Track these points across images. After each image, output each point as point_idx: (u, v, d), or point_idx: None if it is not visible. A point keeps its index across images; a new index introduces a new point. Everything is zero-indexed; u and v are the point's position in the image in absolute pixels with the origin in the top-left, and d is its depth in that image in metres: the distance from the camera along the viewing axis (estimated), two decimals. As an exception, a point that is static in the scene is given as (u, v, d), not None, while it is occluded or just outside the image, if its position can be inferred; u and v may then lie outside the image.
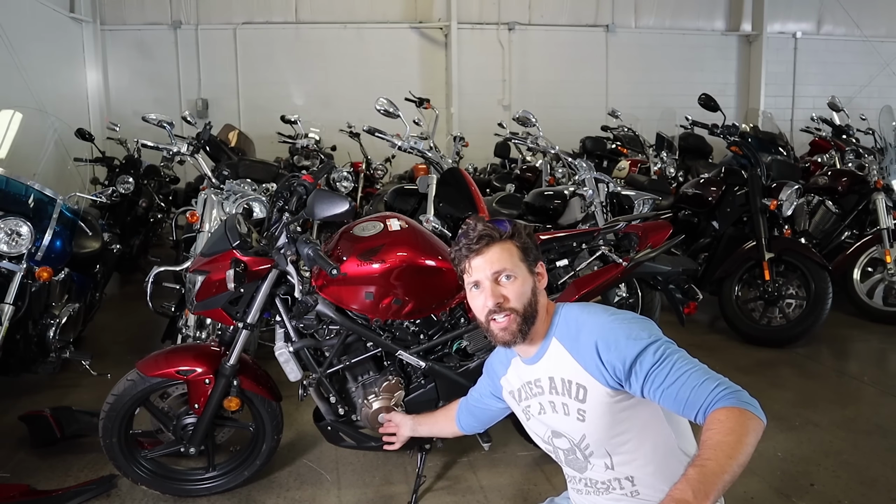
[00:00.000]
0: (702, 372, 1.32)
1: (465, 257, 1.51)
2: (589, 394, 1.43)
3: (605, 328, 1.41)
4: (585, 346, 1.42)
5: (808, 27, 11.12)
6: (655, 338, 1.37)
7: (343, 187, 5.74)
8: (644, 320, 1.45)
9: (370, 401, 2.34)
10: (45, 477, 2.61)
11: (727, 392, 1.26)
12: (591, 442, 1.48)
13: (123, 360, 3.49)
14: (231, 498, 2.51)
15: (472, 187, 3.65)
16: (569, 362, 1.46)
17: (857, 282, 4.66)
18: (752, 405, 1.25)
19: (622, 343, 1.37)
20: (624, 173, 5.68)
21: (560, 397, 1.49)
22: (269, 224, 2.40)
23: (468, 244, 1.50)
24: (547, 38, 10.26)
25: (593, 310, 1.50)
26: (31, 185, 3.22)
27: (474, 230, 1.51)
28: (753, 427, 1.22)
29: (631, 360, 1.35)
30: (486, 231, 1.50)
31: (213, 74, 9.52)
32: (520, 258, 1.50)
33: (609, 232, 3.00)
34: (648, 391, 1.34)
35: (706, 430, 1.25)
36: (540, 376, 1.53)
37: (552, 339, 1.51)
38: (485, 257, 1.48)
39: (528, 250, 1.52)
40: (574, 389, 1.45)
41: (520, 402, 1.63)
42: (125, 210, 5.90)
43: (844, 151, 6.05)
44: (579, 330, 1.46)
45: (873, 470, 2.62)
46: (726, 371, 1.34)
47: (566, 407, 1.48)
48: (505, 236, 1.51)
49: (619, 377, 1.37)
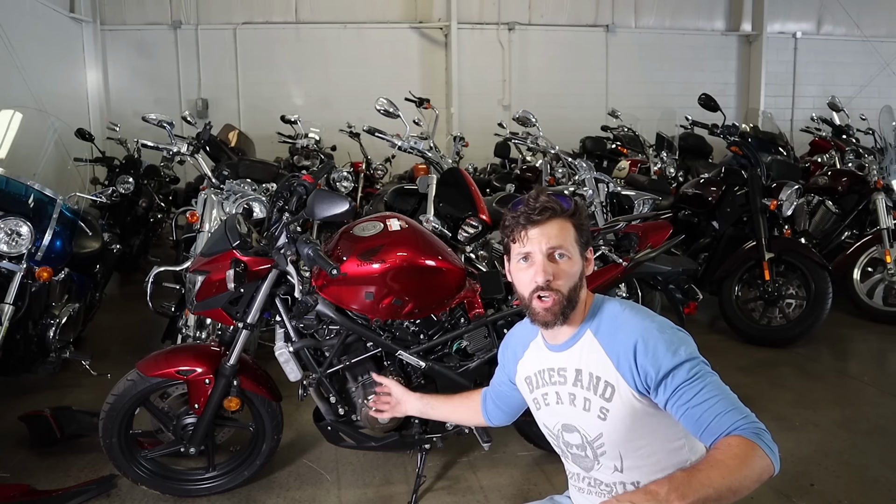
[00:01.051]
0: (729, 401, 1.28)
1: (522, 226, 1.41)
2: (616, 393, 1.38)
3: (647, 332, 1.36)
4: (623, 345, 1.37)
5: (808, 27, 11.12)
6: (693, 355, 1.33)
7: (343, 187, 5.73)
8: (684, 334, 1.40)
9: (370, 401, 2.34)
10: (45, 477, 2.61)
11: (749, 426, 1.24)
12: (606, 441, 1.43)
13: (123, 360, 3.49)
14: (231, 498, 2.51)
15: (472, 187, 3.66)
16: (601, 358, 1.40)
17: (857, 282, 4.66)
18: (770, 447, 1.22)
19: (661, 352, 1.32)
20: (624, 173, 5.68)
21: (583, 391, 1.43)
22: (269, 224, 2.40)
23: (528, 213, 1.41)
24: (547, 38, 10.26)
25: (635, 310, 1.43)
26: (31, 185, 3.22)
27: (536, 200, 1.42)
28: (760, 465, 1.19)
29: (665, 371, 1.31)
30: (550, 203, 1.41)
31: (213, 74, 9.52)
32: (576, 239, 1.43)
33: (609, 232, 3.00)
34: (672, 406, 1.31)
35: (713, 449, 1.23)
36: (566, 366, 1.47)
37: (587, 331, 1.44)
38: (543, 230, 1.40)
39: (584, 232, 1.45)
40: (602, 387, 1.40)
41: (533, 390, 1.57)
42: (125, 210, 5.89)
43: (844, 151, 6.05)
44: (618, 328, 1.40)
45: (873, 470, 2.62)
46: (726, 371, 1.34)
47: (588, 402, 1.43)
48: (567, 213, 1.42)
49: (648, 385, 1.34)
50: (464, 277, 2.43)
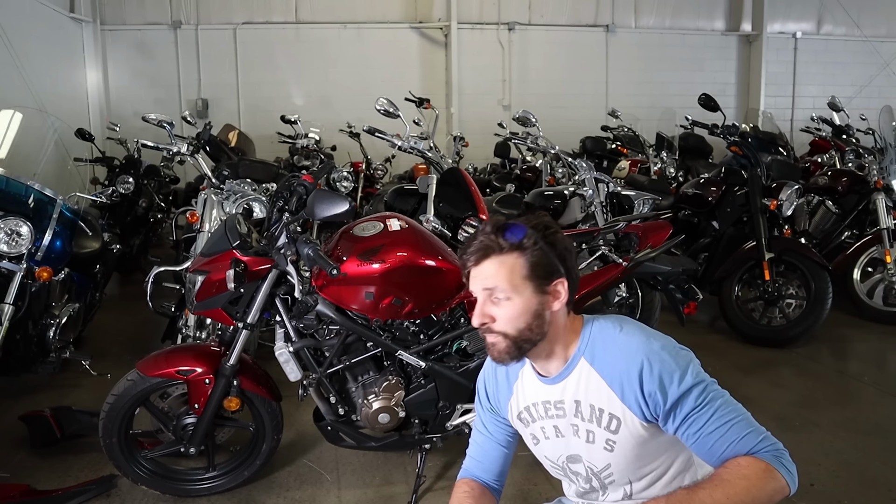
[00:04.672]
0: (744, 424, 1.22)
1: (464, 267, 1.36)
2: (623, 425, 1.30)
3: (651, 356, 1.27)
4: (626, 373, 1.27)
5: (808, 27, 11.12)
6: (699, 378, 1.26)
7: (343, 187, 5.73)
8: (687, 352, 1.32)
9: (370, 401, 2.34)
10: (45, 477, 2.61)
11: (766, 449, 1.19)
12: (615, 471, 1.37)
13: (123, 360, 3.49)
14: (231, 498, 2.51)
15: (472, 187, 3.65)
16: (601, 388, 1.31)
17: (857, 282, 4.66)
18: (787, 469, 1.18)
19: (667, 378, 1.24)
20: (624, 173, 5.68)
21: (585, 423, 1.35)
22: (269, 224, 2.40)
23: (465, 254, 1.34)
24: (547, 38, 10.26)
25: (632, 330, 1.33)
26: (31, 185, 3.22)
27: (473, 237, 1.34)
28: (773, 486, 1.15)
29: (674, 400, 1.24)
30: (484, 242, 1.31)
31: (213, 74, 9.52)
32: (524, 275, 1.29)
33: (609, 232, 3.00)
34: (683, 435, 1.25)
35: (721, 468, 1.19)
36: (563, 398, 1.37)
37: (580, 360, 1.34)
38: (478, 270, 1.32)
39: (540, 265, 1.30)
40: (606, 419, 1.32)
41: (529, 424, 1.47)
42: (125, 210, 5.89)
43: (844, 151, 6.05)
44: (618, 354, 1.30)
45: (873, 470, 2.62)
46: (726, 371, 1.34)
47: (591, 434, 1.35)
48: (507, 249, 1.29)
49: (657, 413, 1.26)
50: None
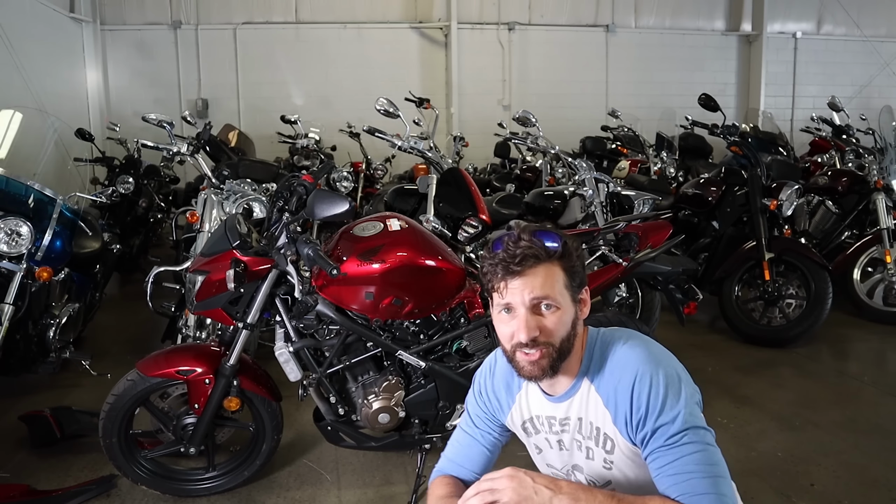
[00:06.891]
0: (706, 483, 1.15)
1: (501, 277, 1.23)
2: (616, 447, 1.29)
3: (643, 376, 1.23)
4: (619, 392, 1.25)
5: (808, 27, 11.11)
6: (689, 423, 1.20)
7: (343, 187, 5.73)
8: (691, 389, 1.26)
9: (370, 401, 2.35)
10: (45, 477, 2.61)
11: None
12: (616, 487, 1.34)
13: (123, 360, 3.49)
14: (231, 498, 2.51)
15: (472, 187, 3.66)
16: (598, 407, 1.29)
17: (857, 282, 4.65)
18: None
19: (653, 403, 1.21)
20: (624, 173, 5.68)
21: (586, 440, 1.34)
22: (269, 224, 2.40)
23: (506, 262, 1.22)
24: (547, 38, 10.25)
25: (633, 348, 1.29)
26: (31, 185, 3.22)
27: (516, 244, 1.23)
28: None
29: (652, 428, 1.21)
30: (531, 249, 1.22)
31: (213, 74, 9.51)
32: (565, 284, 1.25)
33: (609, 232, 3.00)
34: (650, 466, 1.22)
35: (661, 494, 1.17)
36: (568, 415, 1.35)
37: (584, 381, 1.32)
38: (525, 280, 1.22)
39: (576, 274, 1.27)
40: (602, 439, 1.31)
41: (532, 435, 1.44)
42: (125, 210, 5.89)
43: (844, 151, 6.05)
44: (613, 372, 1.28)
45: (873, 470, 2.62)
46: (726, 371, 1.34)
47: (591, 451, 1.34)
48: (554, 256, 1.24)
49: (635, 436, 1.25)
50: (464, 277, 2.43)
